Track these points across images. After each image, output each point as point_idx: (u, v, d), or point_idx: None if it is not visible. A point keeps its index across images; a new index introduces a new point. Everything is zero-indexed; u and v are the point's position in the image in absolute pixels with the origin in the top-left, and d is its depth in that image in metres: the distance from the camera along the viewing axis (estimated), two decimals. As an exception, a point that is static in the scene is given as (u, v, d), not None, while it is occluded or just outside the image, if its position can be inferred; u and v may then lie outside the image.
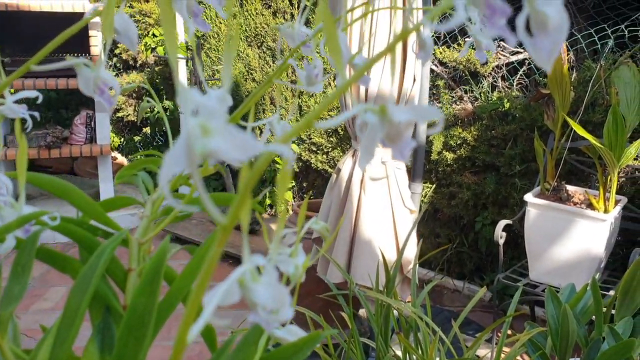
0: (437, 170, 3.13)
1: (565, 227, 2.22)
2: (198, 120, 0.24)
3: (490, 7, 0.26)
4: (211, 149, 0.24)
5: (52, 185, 0.52)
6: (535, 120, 2.70)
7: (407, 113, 0.30)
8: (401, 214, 2.38)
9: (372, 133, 0.30)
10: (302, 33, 0.53)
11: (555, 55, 0.31)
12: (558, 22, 0.30)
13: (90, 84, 0.44)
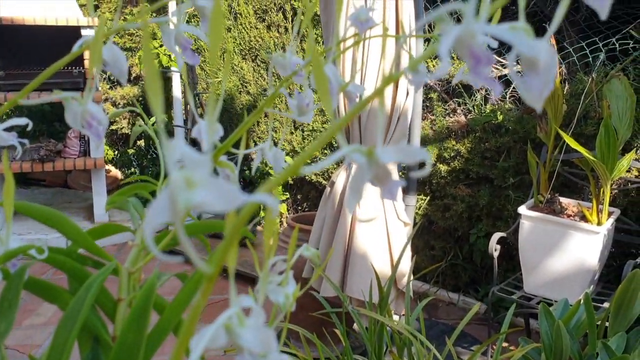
0: (431, 182, 3.14)
1: (559, 240, 2.22)
2: (182, 173, 0.24)
3: (475, 57, 0.26)
4: (195, 202, 0.23)
5: (41, 214, 0.51)
6: (528, 133, 2.71)
7: (395, 155, 0.30)
8: (395, 227, 2.38)
9: (361, 174, 0.30)
10: (294, 62, 0.53)
11: (546, 94, 0.31)
12: (547, 62, 0.30)
13: (78, 118, 0.44)
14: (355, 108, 0.31)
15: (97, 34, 0.38)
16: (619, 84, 2.21)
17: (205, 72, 4.20)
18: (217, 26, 0.22)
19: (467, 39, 0.26)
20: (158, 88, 0.23)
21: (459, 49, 0.26)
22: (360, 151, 0.30)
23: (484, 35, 0.26)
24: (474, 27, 0.25)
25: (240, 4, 3.93)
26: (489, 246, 2.42)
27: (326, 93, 0.29)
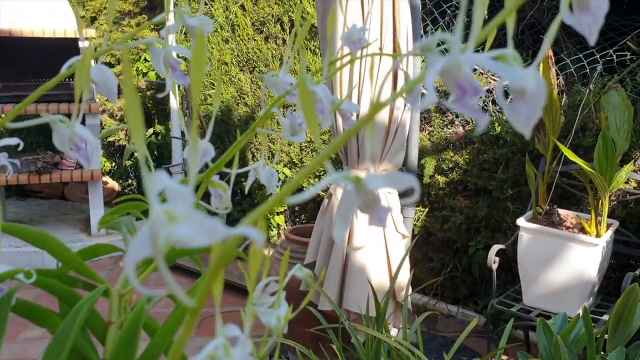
0: (429, 193, 3.13)
1: (558, 252, 2.22)
2: (164, 207, 0.23)
3: (461, 88, 0.25)
4: (177, 237, 0.23)
5: (30, 235, 0.51)
6: (527, 144, 2.71)
7: (384, 182, 0.30)
8: (394, 239, 2.37)
9: (348, 201, 0.30)
10: (286, 82, 0.53)
11: (534, 121, 0.31)
12: (536, 90, 0.30)
13: (66, 141, 0.43)
14: (345, 134, 0.30)
15: (84, 57, 0.38)
16: (616, 95, 2.22)
17: (202, 83, 4.21)
18: (199, 64, 0.22)
19: (453, 70, 0.25)
20: (140, 121, 0.23)
21: (445, 80, 0.26)
22: (348, 178, 0.29)
23: (471, 66, 0.25)
24: (459, 58, 0.25)
25: (238, 16, 3.95)
26: (488, 258, 2.41)
27: (314, 120, 0.28)
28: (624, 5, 2.85)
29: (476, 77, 2.99)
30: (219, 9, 4.07)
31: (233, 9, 3.97)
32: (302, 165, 3.66)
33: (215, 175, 0.58)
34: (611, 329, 1.36)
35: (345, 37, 0.52)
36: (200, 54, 0.22)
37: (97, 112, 3.57)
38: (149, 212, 0.59)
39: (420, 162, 3.07)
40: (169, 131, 4.23)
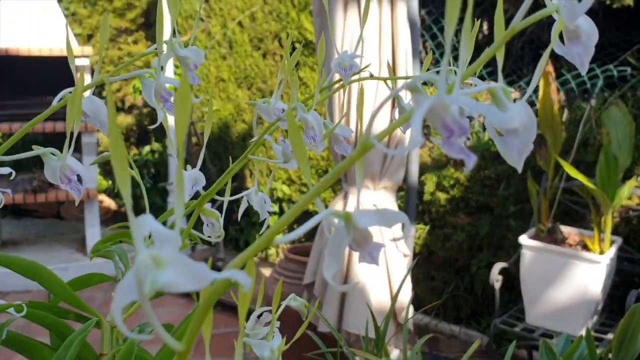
0: (430, 211, 3.12)
1: (561, 270, 2.20)
2: (149, 252, 0.22)
3: (447, 129, 0.25)
4: (162, 283, 0.22)
5: (21, 266, 0.50)
6: (528, 161, 2.70)
7: (374, 219, 0.29)
8: (394, 258, 2.35)
9: (339, 238, 0.29)
10: (278, 108, 0.52)
11: (526, 154, 0.30)
12: (526, 124, 0.29)
13: (57, 173, 0.43)
14: (339, 168, 0.30)
15: (75, 90, 0.37)
16: (617, 111, 2.21)
17: (200, 100, 4.21)
18: (183, 106, 0.21)
19: (440, 110, 0.25)
20: (126, 172, 0.22)
21: (431, 120, 0.25)
22: (337, 215, 0.28)
23: (459, 106, 0.25)
24: (445, 99, 0.24)
25: (236, 33, 3.96)
26: (490, 277, 2.39)
27: (303, 155, 0.27)
28: (624, 21, 2.86)
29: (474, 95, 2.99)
30: (217, 26, 4.08)
31: (231, 25, 3.99)
32: (300, 182, 3.65)
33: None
34: (615, 350, 1.34)
35: (335, 64, 0.52)
36: (184, 96, 0.21)
37: (93, 130, 3.57)
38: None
39: (420, 178, 3.06)
40: (165, 148, 4.24)
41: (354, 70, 0.52)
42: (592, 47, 0.32)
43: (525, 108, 0.30)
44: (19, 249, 3.81)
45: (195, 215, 0.54)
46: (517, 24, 0.28)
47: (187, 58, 0.48)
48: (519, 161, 0.31)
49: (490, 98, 0.30)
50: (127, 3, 4.59)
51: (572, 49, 0.32)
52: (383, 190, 2.38)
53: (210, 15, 4.15)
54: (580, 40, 0.32)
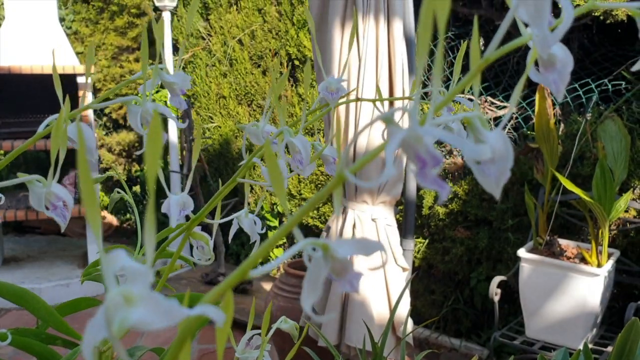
0: (429, 225, 3.11)
1: (560, 283, 2.20)
2: (120, 289, 0.23)
3: (420, 160, 0.25)
4: (132, 322, 0.22)
5: (11, 292, 0.50)
6: (525, 174, 2.70)
7: (353, 248, 0.29)
8: (393, 272, 2.35)
9: (317, 268, 0.29)
10: (267, 131, 0.53)
11: (503, 181, 0.31)
12: (502, 151, 0.30)
13: (42, 200, 0.43)
14: (317, 197, 0.30)
15: (59, 119, 0.38)
16: (613, 124, 2.22)
17: (200, 117, 4.23)
18: (155, 142, 0.21)
19: (412, 142, 0.25)
20: (96, 210, 0.22)
21: (405, 151, 0.25)
22: (315, 244, 0.29)
23: (433, 136, 0.25)
24: (418, 131, 0.24)
25: (236, 50, 3.98)
26: (489, 290, 2.39)
27: (281, 186, 0.28)
28: (617, 35, 2.87)
29: (472, 109, 3.00)
30: (217, 44, 4.11)
31: (231, 43, 4.01)
32: (300, 196, 3.65)
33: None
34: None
35: (322, 88, 0.52)
36: (155, 132, 0.21)
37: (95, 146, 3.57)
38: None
39: (418, 193, 3.06)
40: (167, 165, 4.24)
41: (340, 93, 0.52)
42: (568, 74, 0.32)
43: (501, 136, 0.30)
44: (21, 265, 3.81)
45: (185, 238, 0.54)
46: (491, 54, 0.29)
47: (173, 84, 0.49)
48: (497, 188, 0.31)
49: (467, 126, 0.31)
50: (128, 22, 4.62)
51: (547, 76, 0.32)
52: (382, 205, 2.38)
53: (210, 33, 4.18)
54: (556, 68, 0.32)
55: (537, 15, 0.27)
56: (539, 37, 0.27)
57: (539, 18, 0.27)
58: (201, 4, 4.22)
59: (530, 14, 0.27)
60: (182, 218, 0.54)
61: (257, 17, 3.88)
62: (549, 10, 0.27)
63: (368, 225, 2.36)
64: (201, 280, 3.54)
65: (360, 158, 0.30)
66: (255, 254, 0.26)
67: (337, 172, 0.27)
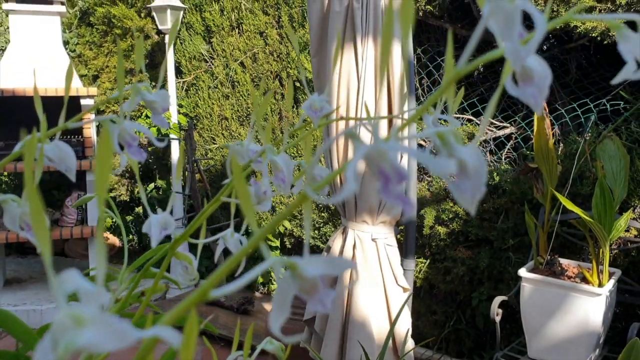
0: (430, 245, 3.10)
1: (561, 302, 2.17)
2: (69, 310, 0.22)
3: (384, 176, 0.24)
4: (82, 343, 0.21)
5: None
6: (525, 194, 2.69)
7: (321, 267, 0.28)
8: (394, 292, 2.33)
9: (285, 288, 0.28)
10: (252, 150, 0.52)
11: (479, 196, 0.30)
12: (477, 167, 0.29)
13: (17, 220, 0.42)
14: (279, 217, 0.29)
15: (32, 139, 0.37)
16: (612, 144, 2.21)
17: (203, 138, 4.24)
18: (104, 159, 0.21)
19: (376, 158, 0.24)
20: (44, 222, 0.22)
21: (369, 167, 0.25)
22: (283, 263, 0.28)
23: (396, 154, 0.24)
24: (381, 147, 0.24)
25: (238, 73, 4.01)
26: (491, 310, 2.36)
27: (249, 207, 0.27)
28: (615, 55, 2.88)
29: (471, 127, 3.00)
30: (219, 66, 4.14)
31: (233, 66, 4.04)
32: (301, 217, 3.64)
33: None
34: (616, 386, 1.32)
35: (306, 106, 0.52)
36: (105, 149, 0.21)
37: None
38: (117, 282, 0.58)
39: (419, 212, 3.05)
40: (169, 185, 4.24)
41: (324, 112, 0.52)
42: (546, 88, 0.32)
43: (475, 151, 0.30)
44: (23, 286, 3.79)
45: (168, 258, 0.53)
46: (462, 67, 0.28)
47: (154, 102, 0.48)
48: (472, 204, 0.30)
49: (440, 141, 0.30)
50: (131, 44, 4.66)
51: (526, 90, 0.32)
52: (382, 225, 2.37)
53: (213, 56, 4.21)
54: (534, 82, 0.32)
55: (507, 28, 0.26)
56: (510, 50, 0.27)
57: (509, 30, 0.26)
58: (203, 27, 4.26)
59: (500, 27, 0.26)
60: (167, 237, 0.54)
61: (259, 40, 3.91)
62: (519, 23, 0.26)
63: (368, 245, 2.34)
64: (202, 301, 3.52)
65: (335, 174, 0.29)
66: (216, 274, 0.25)
67: (301, 193, 0.26)
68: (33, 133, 0.37)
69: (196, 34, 4.30)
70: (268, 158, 0.49)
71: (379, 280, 2.33)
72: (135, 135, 0.48)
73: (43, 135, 0.40)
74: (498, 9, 0.26)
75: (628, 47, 0.33)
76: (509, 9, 0.26)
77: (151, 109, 0.49)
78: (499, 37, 0.27)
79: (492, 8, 0.26)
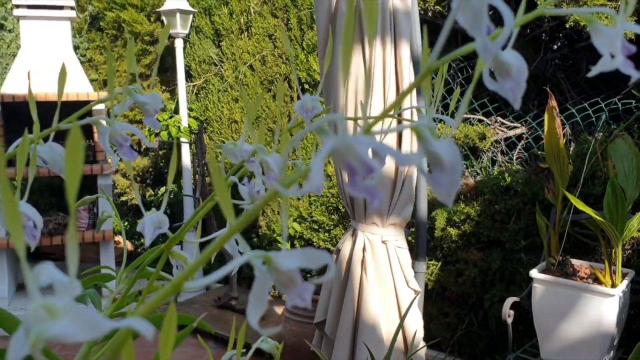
0: (442, 246, 3.09)
1: (574, 303, 2.15)
2: (41, 301, 0.22)
3: (350, 169, 0.25)
4: (53, 333, 0.22)
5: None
6: (537, 194, 2.68)
7: (297, 260, 0.29)
8: (405, 295, 2.32)
9: (262, 281, 0.29)
10: (245, 150, 0.53)
11: (455, 190, 0.30)
12: (452, 162, 0.29)
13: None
14: (249, 213, 0.30)
15: (24, 141, 0.38)
16: (623, 143, 2.19)
17: (213, 141, 4.26)
18: (74, 161, 0.21)
19: (342, 151, 0.24)
20: (19, 225, 0.22)
21: (335, 160, 0.25)
22: (260, 257, 0.28)
23: (364, 148, 0.25)
24: (348, 140, 0.24)
25: (247, 76, 4.03)
26: (502, 312, 2.35)
27: (229, 210, 0.27)
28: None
29: (483, 128, 2.99)
30: (229, 69, 4.16)
31: (242, 69, 4.06)
32: (310, 219, 3.64)
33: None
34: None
35: (298, 106, 0.52)
36: (75, 149, 0.21)
37: (109, 172, 3.62)
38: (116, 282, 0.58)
39: (430, 214, 3.04)
40: (180, 189, 4.27)
41: (315, 112, 0.52)
42: (524, 82, 0.32)
43: (451, 146, 0.30)
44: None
45: (164, 257, 0.54)
46: (433, 63, 0.29)
47: (146, 104, 0.49)
48: (449, 198, 0.31)
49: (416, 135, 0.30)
50: (141, 49, 4.70)
51: (504, 84, 0.32)
52: (392, 227, 2.36)
53: (222, 59, 4.24)
54: (511, 76, 0.32)
55: (475, 22, 0.26)
56: (480, 45, 0.27)
57: (477, 24, 0.26)
58: (213, 31, 4.28)
59: (467, 21, 0.27)
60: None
61: (268, 43, 3.93)
62: (486, 17, 0.27)
63: (378, 247, 2.34)
64: (214, 304, 3.54)
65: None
66: (189, 269, 0.26)
67: (270, 190, 0.26)
68: (25, 135, 0.38)
69: (205, 37, 4.32)
70: (260, 157, 0.49)
71: (390, 283, 2.32)
72: (126, 136, 0.49)
73: (36, 136, 0.41)
74: (465, 3, 0.26)
75: (601, 41, 0.33)
76: (476, 3, 0.26)
77: (143, 111, 0.50)
78: (468, 31, 0.27)
79: (459, 3, 0.26)
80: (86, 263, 4.33)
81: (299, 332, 2.88)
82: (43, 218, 2.70)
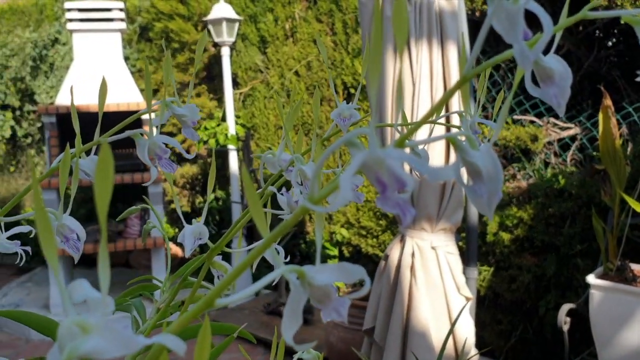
0: (494, 252, 3.02)
1: (634, 310, 2.07)
2: (74, 318, 0.23)
3: (381, 184, 0.24)
4: (86, 350, 0.22)
5: (33, 322, 0.51)
6: (592, 197, 2.59)
7: (330, 275, 0.28)
8: (456, 302, 2.28)
9: (296, 296, 0.28)
10: (284, 159, 0.53)
11: (496, 201, 0.29)
12: (491, 173, 0.28)
13: (54, 233, 0.44)
14: (282, 227, 0.29)
15: (65, 155, 0.39)
16: (684, 142, 2.10)
17: (260, 148, 4.30)
18: (104, 178, 0.21)
19: (373, 165, 0.24)
20: (53, 243, 0.23)
21: (366, 174, 0.24)
22: (294, 271, 0.28)
23: (396, 162, 0.24)
24: (378, 153, 0.23)
25: (293, 82, 4.05)
26: (558, 319, 2.28)
27: (262, 223, 0.27)
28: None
29: (535, 129, 2.92)
30: (275, 76, 4.19)
31: (288, 75, 4.08)
32: (358, 224, 3.63)
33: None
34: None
35: (335, 114, 0.52)
36: (105, 169, 0.22)
37: (159, 180, 3.69)
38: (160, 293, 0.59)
39: (481, 219, 2.98)
40: (229, 196, 4.32)
41: (353, 120, 0.52)
42: (567, 88, 0.31)
43: (490, 155, 0.29)
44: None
45: (205, 268, 0.54)
46: (469, 72, 0.28)
47: (184, 116, 0.50)
48: (489, 210, 0.30)
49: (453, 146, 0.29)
50: (189, 58, 4.79)
51: (547, 90, 0.31)
52: (441, 232, 2.33)
53: (268, 66, 4.28)
54: (554, 82, 0.31)
55: (511, 29, 0.25)
56: (517, 52, 0.26)
57: (513, 31, 0.25)
58: (258, 38, 4.33)
59: (504, 27, 0.26)
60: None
61: (313, 48, 3.94)
62: (522, 23, 0.26)
63: (428, 253, 2.31)
64: (263, 310, 3.56)
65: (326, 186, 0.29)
66: (220, 284, 0.25)
67: (301, 206, 0.26)
68: (66, 150, 0.39)
69: (251, 44, 4.37)
70: (296, 167, 0.49)
71: (440, 289, 2.29)
72: (165, 148, 0.49)
73: (78, 150, 0.42)
74: (500, 9, 0.25)
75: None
76: (511, 9, 0.25)
77: (181, 122, 0.50)
78: (504, 38, 0.26)
79: (495, 8, 0.25)
80: (137, 270, 4.43)
81: (348, 339, 2.87)
82: (97, 226, 2.77)
